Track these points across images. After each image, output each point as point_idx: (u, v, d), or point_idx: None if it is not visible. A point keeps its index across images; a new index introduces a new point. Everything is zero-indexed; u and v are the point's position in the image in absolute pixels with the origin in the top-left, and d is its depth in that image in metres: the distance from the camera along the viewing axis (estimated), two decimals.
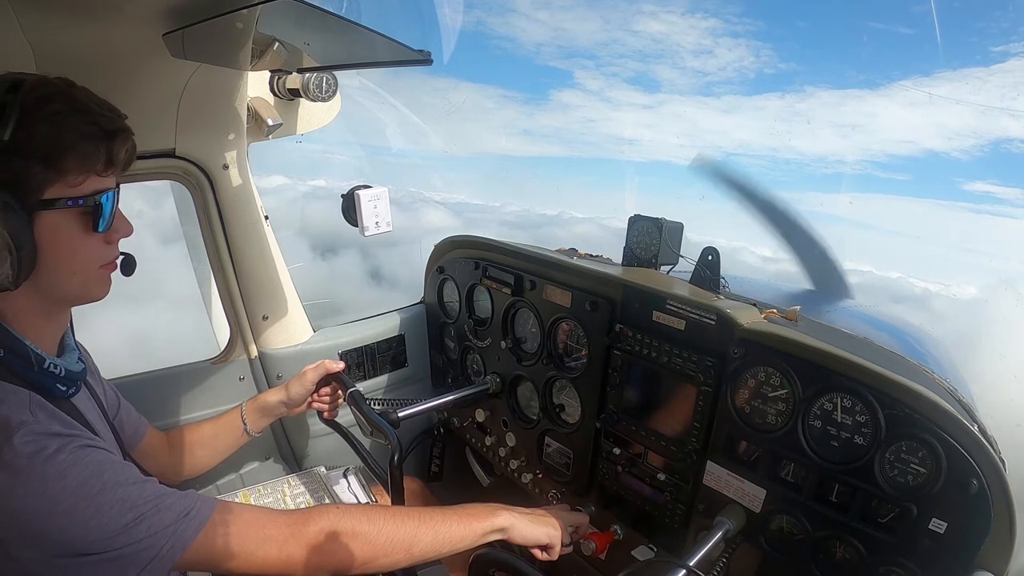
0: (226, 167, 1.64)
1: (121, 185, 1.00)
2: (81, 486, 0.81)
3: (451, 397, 1.85)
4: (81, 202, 0.90)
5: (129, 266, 1.05)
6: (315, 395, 1.65)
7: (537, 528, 1.30)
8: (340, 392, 1.66)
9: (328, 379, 1.63)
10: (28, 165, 0.85)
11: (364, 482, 1.74)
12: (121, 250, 1.04)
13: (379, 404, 1.83)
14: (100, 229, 0.94)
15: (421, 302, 2.22)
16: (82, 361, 1.05)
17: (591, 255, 1.84)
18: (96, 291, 1.00)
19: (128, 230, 1.01)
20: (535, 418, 1.79)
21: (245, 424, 1.56)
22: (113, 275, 1.04)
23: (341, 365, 1.63)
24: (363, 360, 2.07)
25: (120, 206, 1.01)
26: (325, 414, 1.70)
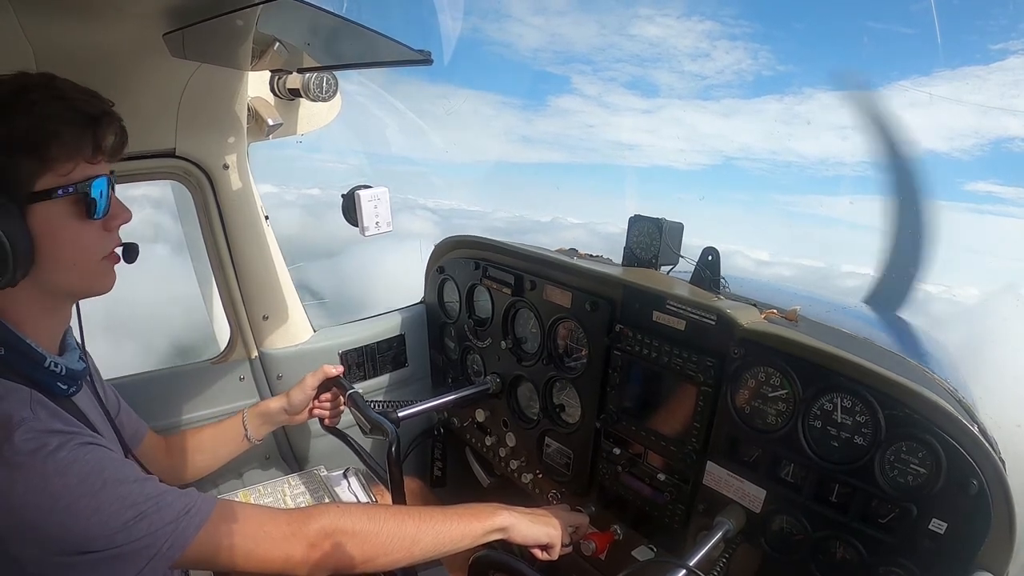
0: (226, 167, 1.64)
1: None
2: (81, 483, 0.81)
3: (451, 397, 1.85)
4: (72, 190, 0.88)
5: (132, 254, 1.04)
6: (315, 401, 1.64)
7: (537, 528, 1.30)
8: (340, 397, 1.65)
9: (328, 383, 1.63)
10: (14, 159, 0.84)
11: (365, 483, 1.74)
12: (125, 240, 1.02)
13: (379, 405, 1.83)
14: (94, 216, 0.92)
15: (421, 302, 2.22)
16: (83, 360, 1.05)
17: (591, 255, 1.84)
18: (99, 284, 0.99)
19: (126, 216, 0.99)
20: (535, 418, 1.79)
21: (246, 431, 1.55)
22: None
23: (339, 369, 1.63)
24: (363, 360, 2.07)
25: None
26: (326, 421, 1.69)
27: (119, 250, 1.02)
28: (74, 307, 1.06)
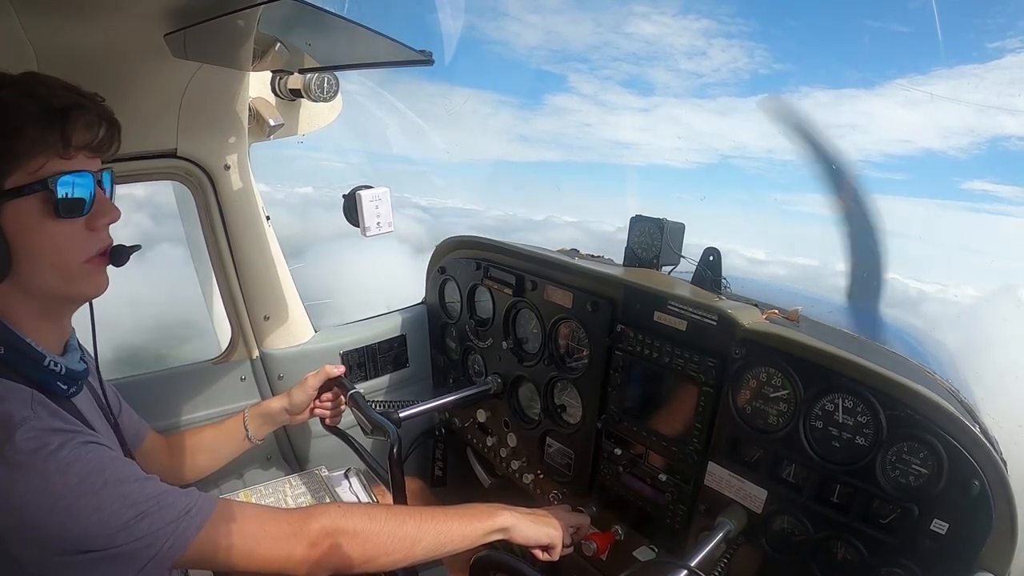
0: (227, 167, 1.65)
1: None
2: (82, 482, 0.81)
3: (452, 397, 1.85)
4: (37, 187, 0.85)
5: (119, 256, 0.99)
6: (317, 401, 1.64)
7: (538, 528, 1.30)
8: (342, 397, 1.65)
9: (329, 384, 1.63)
10: None
11: (366, 483, 1.74)
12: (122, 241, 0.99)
13: (380, 405, 1.83)
14: (67, 214, 0.88)
15: (422, 302, 2.22)
16: (84, 361, 1.05)
17: (592, 255, 1.84)
18: (84, 287, 0.96)
19: (114, 216, 0.95)
20: (536, 419, 1.79)
21: (247, 430, 1.55)
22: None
23: (341, 369, 1.63)
24: (364, 360, 2.07)
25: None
26: (328, 420, 1.69)
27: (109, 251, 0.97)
28: (83, 309, 1.05)
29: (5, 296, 0.89)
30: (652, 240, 1.58)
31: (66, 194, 0.87)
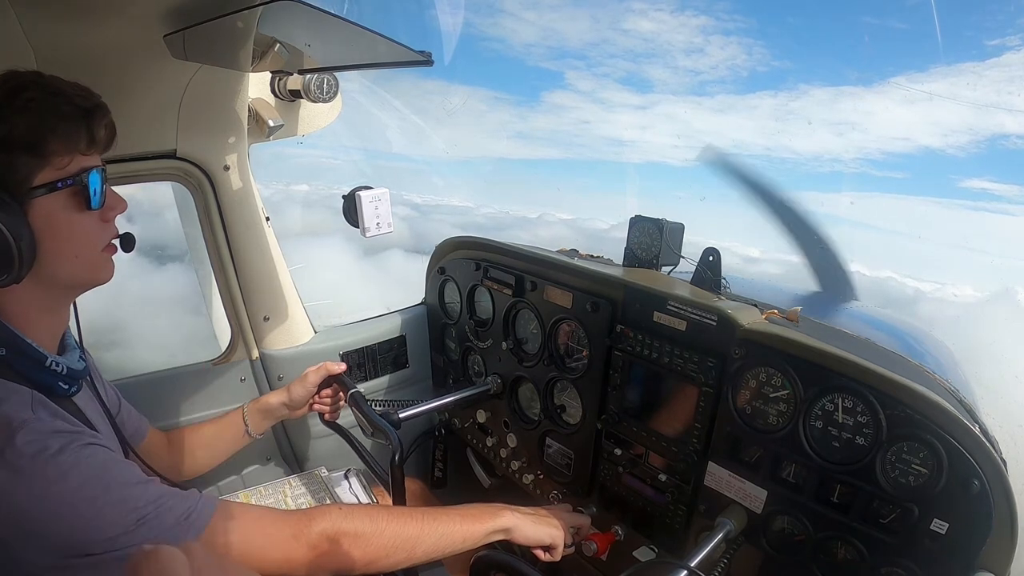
0: (227, 168, 1.64)
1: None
2: (83, 487, 0.81)
3: (452, 398, 1.85)
4: (71, 182, 0.91)
5: (129, 243, 1.06)
6: (316, 397, 1.65)
7: (540, 528, 1.30)
8: (341, 394, 1.65)
9: (329, 380, 1.63)
10: (12, 156, 0.86)
11: (366, 483, 1.74)
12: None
13: (380, 405, 1.83)
14: (93, 206, 0.94)
15: (422, 303, 2.22)
16: (83, 359, 1.05)
17: (592, 256, 1.84)
18: (101, 274, 1.01)
19: (123, 207, 1.02)
20: (536, 419, 1.79)
21: (247, 425, 1.56)
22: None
23: (342, 366, 1.63)
24: (364, 361, 2.07)
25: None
26: (326, 415, 1.70)
27: (116, 240, 1.04)
28: (71, 307, 1.06)
29: (12, 293, 0.90)
30: (651, 240, 1.58)
31: (94, 189, 0.93)
